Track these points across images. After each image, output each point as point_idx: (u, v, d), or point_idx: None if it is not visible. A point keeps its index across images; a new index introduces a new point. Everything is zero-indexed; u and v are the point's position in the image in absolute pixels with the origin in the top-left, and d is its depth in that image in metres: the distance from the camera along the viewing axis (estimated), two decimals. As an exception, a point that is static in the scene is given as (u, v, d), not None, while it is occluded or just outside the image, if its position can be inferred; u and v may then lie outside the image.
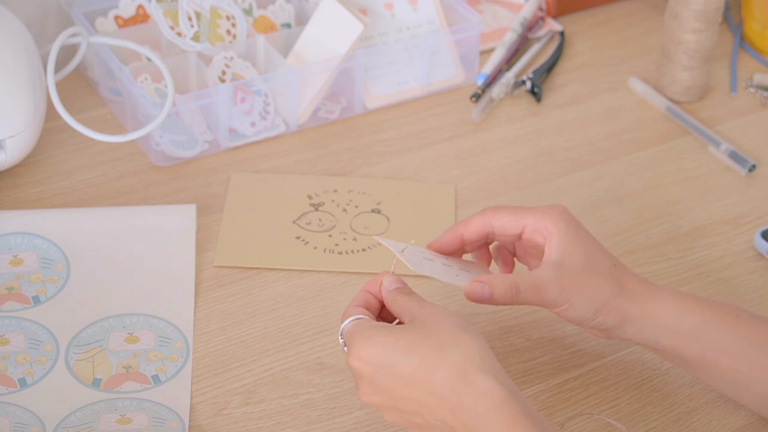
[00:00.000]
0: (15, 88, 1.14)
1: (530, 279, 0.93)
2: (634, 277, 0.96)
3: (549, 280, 0.93)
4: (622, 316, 0.95)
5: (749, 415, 1.00)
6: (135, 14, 1.30)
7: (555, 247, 0.94)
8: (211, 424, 0.96)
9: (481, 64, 1.38)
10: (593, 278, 0.94)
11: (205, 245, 1.12)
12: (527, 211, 0.97)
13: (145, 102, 1.19)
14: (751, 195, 1.23)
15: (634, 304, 0.95)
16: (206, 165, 1.22)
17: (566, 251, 0.94)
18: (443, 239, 0.99)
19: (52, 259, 1.09)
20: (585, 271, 0.94)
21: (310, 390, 1.00)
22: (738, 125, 1.33)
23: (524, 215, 0.97)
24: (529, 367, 1.03)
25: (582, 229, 0.96)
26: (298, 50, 1.27)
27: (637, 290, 0.95)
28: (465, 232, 0.98)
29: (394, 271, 0.93)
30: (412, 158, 1.25)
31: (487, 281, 0.93)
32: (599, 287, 0.94)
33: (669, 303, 0.95)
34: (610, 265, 0.96)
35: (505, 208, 0.98)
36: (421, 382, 0.85)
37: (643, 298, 0.95)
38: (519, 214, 0.97)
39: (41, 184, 1.19)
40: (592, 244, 0.96)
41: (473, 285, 0.93)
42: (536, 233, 0.96)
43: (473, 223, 0.98)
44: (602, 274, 0.95)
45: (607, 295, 0.94)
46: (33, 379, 0.99)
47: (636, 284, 0.96)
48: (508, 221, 0.97)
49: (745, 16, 1.47)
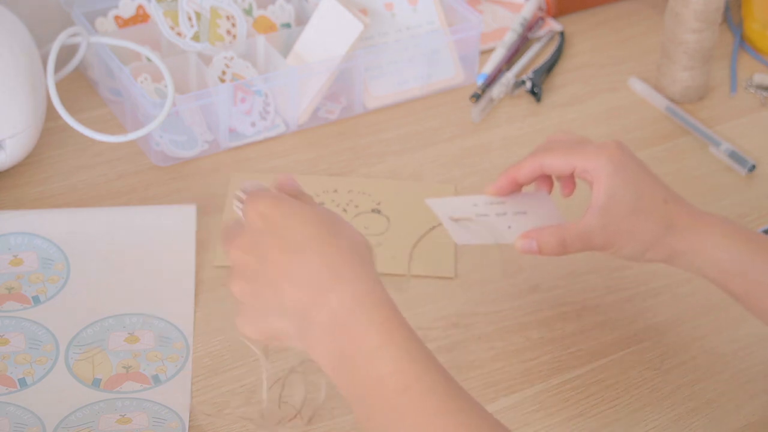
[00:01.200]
0: (15, 88, 1.14)
1: (576, 230, 0.95)
2: (685, 212, 0.96)
3: (594, 229, 0.94)
4: (670, 252, 0.96)
5: (749, 415, 1.00)
6: (135, 14, 1.30)
7: (602, 191, 0.94)
8: (211, 424, 0.96)
9: (481, 64, 1.38)
10: (640, 220, 0.94)
11: (205, 245, 1.12)
12: (577, 153, 0.96)
13: (145, 102, 1.19)
14: (751, 195, 1.23)
15: (682, 240, 0.95)
16: (206, 165, 1.22)
17: (613, 195, 0.94)
18: (499, 184, 0.99)
19: (52, 259, 1.09)
20: (632, 214, 0.94)
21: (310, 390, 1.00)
22: (738, 125, 1.33)
23: (573, 157, 0.96)
24: (529, 367, 1.03)
25: (633, 168, 0.96)
26: (298, 50, 1.27)
27: (687, 226, 0.95)
28: (518, 175, 0.98)
29: None
30: (412, 158, 1.25)
31: (535, 236, 0.95)
32: (646, 229, 0.95)
33: (717, 238, 0.95)
34: (661, 202, 0.96)
35: (555, 150, 0.98)
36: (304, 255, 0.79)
37: (692, 234, 0.95)
38: (568, 156, 0.97)
39: (41, 184, 1.19)
40: (642, 183, 0.96)
41: (521, 242, 0.95)
42: (585, 174, 0.96)
43: (525, 166, 0.98)
44: (651, 214, 0.95)
45: (655, 235, 0.95)
46: (33, 379, 0.99)
47: (687, 219, 0.96)
48: (558, 162, 0.97)
49: (745, 16, 1.47)
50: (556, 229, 0.95)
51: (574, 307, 1.09)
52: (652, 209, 0.95)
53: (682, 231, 0.95)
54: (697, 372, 1.03)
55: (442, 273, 1.11)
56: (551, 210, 0.99)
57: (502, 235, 0.98)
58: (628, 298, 1.10)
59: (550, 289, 1.11)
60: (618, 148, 0.96)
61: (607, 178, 0.94)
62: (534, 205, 1.00)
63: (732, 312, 1.09)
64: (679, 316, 1.09)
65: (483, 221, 0.99)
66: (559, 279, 1.11)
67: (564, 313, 1.08)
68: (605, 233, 0.94)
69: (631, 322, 1.08)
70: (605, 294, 1.10)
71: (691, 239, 0.95)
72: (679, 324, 1.08)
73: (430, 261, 1.12)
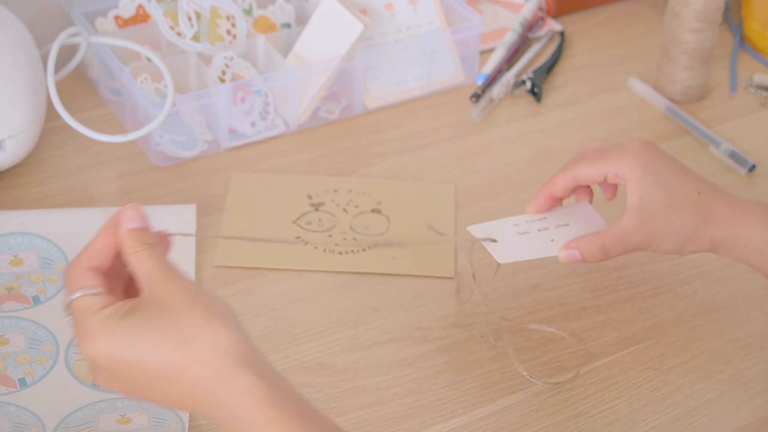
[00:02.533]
0: (15, 88, 1.14)
1: (615, 234, 0.97)
2: (722, 202, 0.97)
3: (632, 230, 0.96)
4: (710, 243, 0.97)
5: (749, 415, 1.00)
6: (135, 14, 1.30)
7: (635, 193, 0.97)
8: (211, 424, 0.96)
9: (481, 64, 1.38)
10: (676, 216, 0.96)
11: (205, 245, 1.12)
12: (605, 159, 0.99)
13: (145, 102, 1.19)
14: (751, 195, 1.23)
15: (721, 230, 0.97)
16: (206, 165, 1.22)
17: (646, 195, 0.96)
18: (538, 202, 1.02)
19: (52, 259, 1.09)
20: (667, 211, 0.96)
21: (310, 390, 1.00)
22: (738, 125, 1.33)
23: (603, 164, 0.99)
24: (529, 367, 1.03)
25: (662, 165, 0.98)
26: (298, 50, 1.27)
27: (725, 216, 0.97)
28: (553, 190, 1.01)
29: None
30: (412, 158, 1.25)
31: (576, 245, 0.97)
32: (683, 224, 0.96)
33: (757, 227, 0.96)
34: (695, 194, 0.97)
35: (585, 160, 1.00)
36: (169, 380, 0.76)
37: (731, 224, 0.97)
38: (597, 164, 0.99)
39: (41, 184, 1.19)
40: (673, 178, 0.97)
41: (564, 253, 0.97)
42: (617, 178, 0.98)
43: (559, 182, 1.01)
44: (686, 208, 0.96)
45: (692, 229, 0.96)
46: (33, 379, 0.99)
47: (724, 209, 0.97)
48: (589, 172, 1.00)
49: (745, 16, 1.47)
50: (596, 236, 0.97)
51: (574, 307, 1.09)
52: (687, 203, 0.97)
53: (720, 221, 0.97)
54: (697, 372, 1.03)
55: (442, 273, 1.11)
56: (593, 217, 1.01)
57: (545, 248, 1.00)
58: (628, 298, 1.10)
59: (550, 289, 1.11)
60: (644, 148, 0.98)
61: (637, 180, 0.96)
62: (575, 216, 1.02)
63: (732, 312, 1.09)
64: (679, 316, 1.09)
65: (521, 242, 1.00)
66: (559, 279, 1.11)
67: (564, 313, 1.08)
68: (643, 233, 0.96)
69: (631, 322, 1.08)
70: (605, 294, 1.10)
71: (731, 229, 0.96)
72: (679, 324, 1.08)
73: (430, 261, 1.12)
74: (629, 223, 0.97)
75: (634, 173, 0.97)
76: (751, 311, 1.10)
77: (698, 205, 0.97)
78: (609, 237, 0.97)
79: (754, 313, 1.09)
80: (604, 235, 0.97)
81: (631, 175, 0.97)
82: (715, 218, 0.97)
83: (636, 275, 1.12)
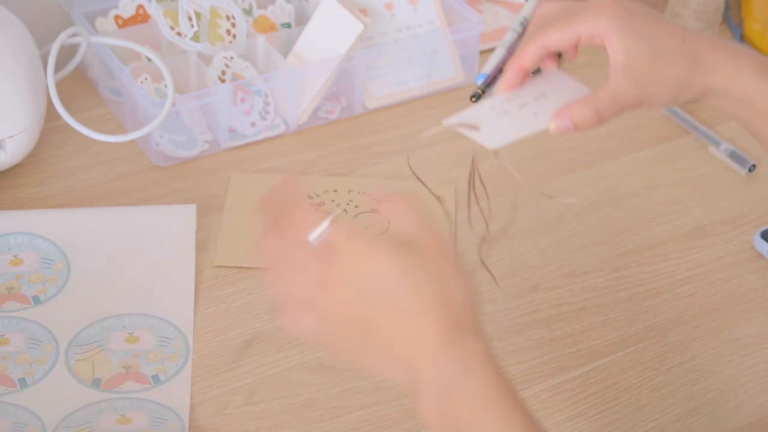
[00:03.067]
0: (15, 88, 1.14)
1: (607, 96, 0.92)
2: (709, 46, 0.93)
3: (624, 88, 0.91)
4: (703, 90, 0.93)
5: (749, 415, 1.00)
6: (135, 14, 1.30)
7: (618, 50, 0.92)
8: (211, 424, 0.96)
9: (481, 64, 1.38)
10: (665, 65, 0.92)
11: (205, 245, 1.12)
12: (577, 20, 0.93)
13: (145, 102, 1.19)
14: (751, 195, 1.23)
15: (713, 76, 0.92)
16: (206, 165, 1.22)
17: (629, 49, 0.91)
18: (508, 78, 0.97)
19: (52, 259, 1.09)
20: (656, 62, 0.91)
21: (310, 390, 1.00)
22: (738, 125, 1.32)
23: (575, 26, 0.93)
24: (529, 367, 1.03)
25: (640, 17, 0.93)
26: (298, 50, 1.27)
27: (717, 60, 0.92)
28: (524, 63, 0.96)
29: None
30: (412, 158, 1.25)
31: (567, 113, 0.92)
32: (674, 73, 0.92)
33: (751, 74, 0.92)
34: (680, 41, 0.92)
35: (553, 25, 0.94)
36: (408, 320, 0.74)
37: (725, 69, 0.92)
38: (570, 27, 0.94)
39: (41, 184, 1.19)
40: (655, 29, 0.92)
41: (555, 123, 0.92)
42: (594, 38, 0.93)
43: (529, 51, 0.95)
44: (674, 57, 0.92)
45: (684, 76, 0.92)
46: (33, 379, 0.99)
47: (715, 53, 0.92)
48: (561, 38, 0.94)
49: (745, 16, 1.47)
50: (586, 101, 0.92)
51: (574, 307, 1.09)
52: (674, 51, 0.92)
53: (712, 66, 0.92)
54: (697, 372, 1.03)
55: (442, 273, 1.11)
56: (568, 82, 0.96)
57: (532, 124, 0.94)
58: (628, 298, 1.10)
59: (550, 289, 1.11)
60: (616, 2, 0.93)
61: (618, 36, 0.91)
62: (549, 85, 0.97)
63: (732, 312, 1.09)
64: (679, 316, 1.09)
65: (506, 123, 0.95)
66: (559, 279, 1.11)
67: (564, 313, 1.08)
68: (635, 89, 0.91)
69: (631, 322, 1.08)
70: (605, 294, 1.10)
71: (724, 75, 0.92)
72: (679, 324, 1.08)
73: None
74: (619, 82, 0.92)
75: (613, 29, 0.91)
76: (750, 311, 1.10)
77: (686, 51, 0.92)
78: (601, 100, 0.92)
79: (753, 313, 1.09)
80: (595, 98, 0.92)
81: (610, 32, 0.91)
82: (706, 63, 0.92)
83: (636, 275, 1.12)
